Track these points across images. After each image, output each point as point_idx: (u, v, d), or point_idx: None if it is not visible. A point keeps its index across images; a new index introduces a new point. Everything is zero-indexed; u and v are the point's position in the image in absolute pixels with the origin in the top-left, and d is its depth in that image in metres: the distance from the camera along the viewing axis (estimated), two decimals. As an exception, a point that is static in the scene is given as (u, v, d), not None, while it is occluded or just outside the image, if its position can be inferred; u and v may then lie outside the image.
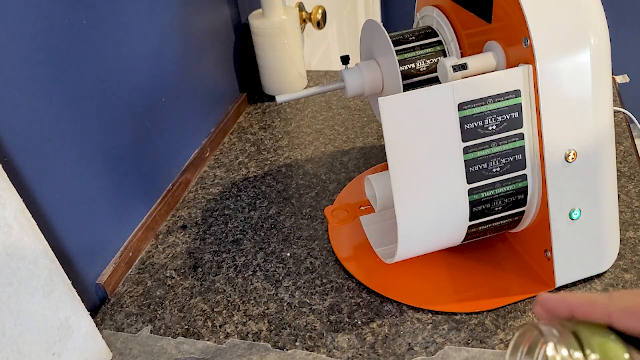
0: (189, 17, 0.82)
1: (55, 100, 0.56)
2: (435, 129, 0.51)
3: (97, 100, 0.63)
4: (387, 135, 0.51)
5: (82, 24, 0.59)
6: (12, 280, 0.46)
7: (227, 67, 0.96)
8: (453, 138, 0.51)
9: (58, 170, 0.57)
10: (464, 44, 0.62)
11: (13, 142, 0.51)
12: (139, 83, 0.71)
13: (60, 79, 0.57)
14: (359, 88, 0.66)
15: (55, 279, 0.51)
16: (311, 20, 1.08)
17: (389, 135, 0.51)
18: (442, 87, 0.51)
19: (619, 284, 0.58)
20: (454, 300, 0.59)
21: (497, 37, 0.55)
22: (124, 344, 0.59)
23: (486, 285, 0.60)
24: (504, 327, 0.55)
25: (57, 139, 0.57)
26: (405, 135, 0.51)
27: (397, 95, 0.50)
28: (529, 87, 0.51)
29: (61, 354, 0.51)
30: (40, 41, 0.54)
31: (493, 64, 0.54)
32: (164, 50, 0.77)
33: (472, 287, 0.60)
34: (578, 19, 0.51)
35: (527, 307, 0.57)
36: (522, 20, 0.50)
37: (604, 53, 0.51)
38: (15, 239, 0.47)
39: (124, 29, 0.67)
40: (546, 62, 0.50)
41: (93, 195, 0.63)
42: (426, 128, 0.51)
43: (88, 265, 0.63)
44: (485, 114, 0.51)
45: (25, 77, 0.52)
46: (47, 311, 0.50)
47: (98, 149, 0.64)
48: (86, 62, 0.61)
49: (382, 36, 0.62)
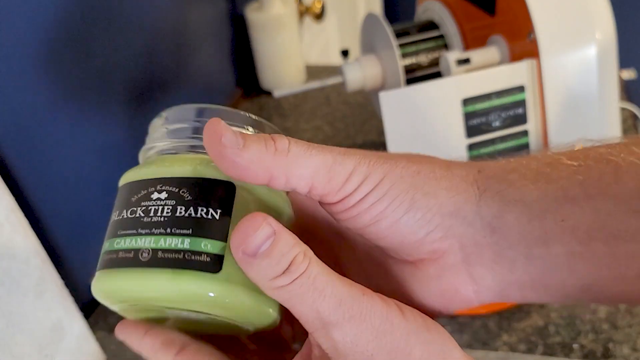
0: (183, 9, 0.81)
1: (46, 96, 0.55)
2: (438, 124, 0.50)
3: (90, 97, 0.62)
4: (388, 131, 0.49)
5: (75, 19, 0.58)
6: (4, 281, 0.45)
7: (222, 61, 0.95)
8: (457, 134, 0.50)
9: (51, 168, 0.56)
10: (467, 37, 0.61)
11: (4, 139, 0.50)
12: (133, 78, 0.70)
13: (52, 75, 0.56)
14: (359, 83, 0.65)
15: (48, 279, 0.50)
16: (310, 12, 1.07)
17: (390, 131, 0.49)
18: (445, 81, 0.49)
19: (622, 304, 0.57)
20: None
21: (501, 30, 0.53)
22: (118, 346, 0.58)
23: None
24: (508, 329, 0.54)
25: (50, 135, 0.56)
26: (407, 131, 0.50)
27: (399, 90, 0.49)
28: (534, 83, 0.50)
29: (54, 356, 0.51)
30: (31, 35, 0.53)
31: (497, 58, 0.53)
32: (158, 44, 0.75)
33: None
34: (584, 13, 0.50)
35: (531, 308, 0.56)
36: (526, 13, 0.49)
37: (610, 48, 0.50)
38: (6, 238, 0.46)
39: (114, 22, 0.66)
40: (551, 57, 0.49)
41: (86, 194, 0.62)
42: (429, 124, 0.50)
43: (81, 265, 0.62)
44: (489, 110, 0.50)
45: (15, 72, 0.51)
46: (39, 312, 0.49)
47: (92, 146, 0.62)
48: (78, 58, 0.59)
49: (383, 29, 0.61)
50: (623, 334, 0.52)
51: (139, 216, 0.24)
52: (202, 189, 0.24)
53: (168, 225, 0.23)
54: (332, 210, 0.25)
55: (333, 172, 0.24)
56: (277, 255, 0.22)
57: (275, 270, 0.22)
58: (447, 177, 0.25)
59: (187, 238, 0.23)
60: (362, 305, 0.22)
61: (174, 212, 0.24)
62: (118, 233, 0.25)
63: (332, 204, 0.25)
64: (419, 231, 0.25)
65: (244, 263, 0.22)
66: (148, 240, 0.23)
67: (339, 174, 0.24)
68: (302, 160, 0.23)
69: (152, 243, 0.23)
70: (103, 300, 0.26)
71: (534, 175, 0.25)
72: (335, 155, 0.24)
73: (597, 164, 0.24)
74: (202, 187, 0.24)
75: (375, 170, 0.24)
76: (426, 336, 0.23)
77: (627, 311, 0.54)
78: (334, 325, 0.22)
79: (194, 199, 0.24)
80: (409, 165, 0.25)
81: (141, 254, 0.23)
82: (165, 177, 0.24)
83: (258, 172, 0.23)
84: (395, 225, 0.25)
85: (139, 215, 0.24)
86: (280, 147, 0.23)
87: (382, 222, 0.25)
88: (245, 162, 0.22)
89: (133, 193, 0.25)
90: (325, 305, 0.22)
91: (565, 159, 0.24)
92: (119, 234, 0.25)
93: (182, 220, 0.23)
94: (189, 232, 0.23)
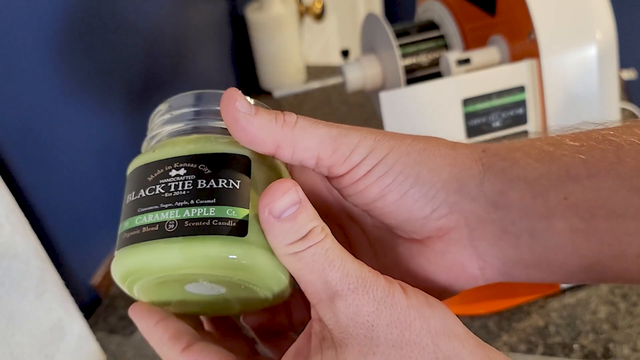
0: (183, 9, 0.81)
1: (46, 97, 0.55)
2: (438, 125, 0.50)
3: (90, 98, 0.62)
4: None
5: (76, 20, 0.58)
6: (4, 281, 0.45)
7: (222, 61, 0.95)
8: (457, 135, 0.50)
9: (51, 168, 0.56)
10: (467, 37, 0.61)
11: (4, 139, 0.50)
12: (133, 78, 0.70)
13: (52, 76, 0.56)
14: (360, 83, 0.65)
15: (48, 279, 0.50)
16: (310, 12, 1.07)
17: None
18: (445, 81, 0.49)
19: (624, 285, 0.57)
20: (456, 302, 0.58)
21: (501, 30, 0.53)
22: (117, 346, 0.58)
23: (489, 286, 0.59)
24: (508, 329, 0.54)
25: (50, 136, 0.56)
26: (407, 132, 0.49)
27: (399, 90, 0.49)
28: (534, 83, 0.50)
29: (54, 356, 0.50)
30: (30, 38, 0.52)
31: (497, 58, 0.53)
32: (158, 44, 0.75)
33: (474, 289, 0.59)
34: (584, 13, 0.49)
35: (532, 308, 0.56)
36: (526, 13, 0.49)
37: (610, 48, 0.50)
38: (6, 238, 0.46)
39: (114, 23, 0.66)
40: (551, 57, 0.49)
41: (87, 195, 0.62)
42: (429, 124, 0.50)
43: (81, 266, 0.62)
44: (489, 110, 0.50)
45: (15, 74, 0.51)
46: (39, 312, 0.49)
47: (92, 146, 0.62)
48: (78, 59, 0.59)
49: (383, 29, 0.61)
50: (623, 335, 0.52)
51: (159, 193, 0.25)
52: (220, 162, 0.25)
53: (191, 197, 0.24)
54: (340, 185, 0.26)
55: (338, 143, 0.25)
56: (299, 221, 0.23)
57: (294, 235, 0.23)
58: (452, 155, 0.26)
59: (212, 207, 0.24)
60: (367, 279, 0.23)
61: (195, 185, 0.25)
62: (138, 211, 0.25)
63: (339, 177, 0.25)
64: (425, 207, 0.26)
65: (267, 223, 0.23)
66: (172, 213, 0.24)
67: (344, 144, 0.25)
68: (308, 133, 0.24)
69: (177, 214, 0.24)
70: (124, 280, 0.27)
71: (537, 153, 0.25)
72: (341, 129, 0.25)
73: (600, 144, 0.24)
74: (220, 160, 0.25)
75: (382, 144, 0.25)
76: (427, 311, 0.23)
77: (627, 312, 0.54)
78: (338, 295, 0.23)
79: (213, 172, 0.25)
80: (415, 143, 0.26)
81: (167, 225, 0.24)
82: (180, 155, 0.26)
83: (266, 141, 0.24)
84: (401, 200, 0.26)
85: (158, 192, 0.25)
86: (289, 119, 0.24)
87: (388, 197, 0.25)
88: (255, 129, 0.24)
89: (149, 173, 0.26)
90: (333, 275, 0.23)
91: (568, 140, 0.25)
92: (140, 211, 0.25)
93: (204, 192, 0.25)
94: (212, 202, 0.24)
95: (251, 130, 0.24)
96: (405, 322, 0.23)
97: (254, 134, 0.24)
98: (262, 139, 0.24)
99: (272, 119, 0.24)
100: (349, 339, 0.23)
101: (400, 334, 0.23)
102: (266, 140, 0.24)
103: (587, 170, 0.24)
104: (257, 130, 0.24)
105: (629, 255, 0.24)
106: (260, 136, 0.24)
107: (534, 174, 0.25)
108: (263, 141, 0.24)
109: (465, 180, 0.26)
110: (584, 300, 0.56)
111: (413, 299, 0.23)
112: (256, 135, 0.24)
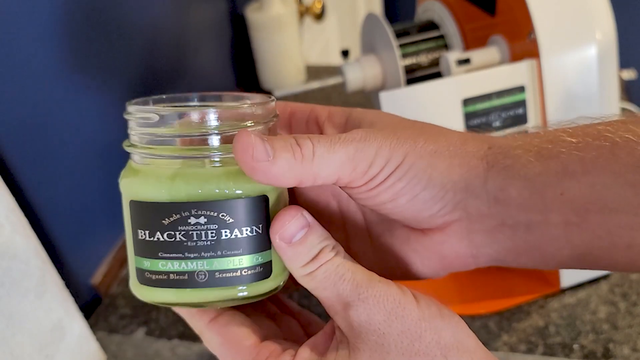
0: (183, 9, 0.81)
1: (46, 97, 0.55)
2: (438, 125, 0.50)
3: (90, 97, 0.62)
4: (389, 132, 0.49)
5: (75, 20, 0.58)
6: (4, 281, 0.45)
7: (222, 61, 0.95)
8: (456, 135, 0.50)
9: (51, 168, 0.56)
10: (467, 37, 0.61)
11: (4, 139, 0.50)
12: (133, 78, 0.70)
13: (51, 75, 0.56)
14: (360, 83, 0.65)
15: (48, 279, 0.50)
16: (310, 12, 1.07)
17: (390, 132, 0.49)
18: (445, 81, 0.49)
19: (624, 284, 0.57)
20: (456, 302, 0.58)
21: (501, 30, 0.53)
22: (118, 346, 0.58)
23: (489, 286, 0.59)
24: (508, 329, 0.54)
25: (50, 136, 0.56)
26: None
27: (399, 90, 0.49)
28: (534, 83, 0.50)
29: (54, 356, 0.50)
30: (30, 36, 0.52)
31: (497, 58, 0.53)
32: (158, 44, 0.75)
33: (474, 288, 0.59)
34: (584, 13, 0.49)
35: (532, 308, 0.56)
36: (526, 13, 0.49)
37: (610, 48, 0.50)
38: (6, 238, 0.45)
39: (114, 22, 0.65)
40: (551, 57, 0.49)
41: (87, 194, 0.62)
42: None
43: (81, 265, 0.62)
44: (489, 110, 0.50)
45: (14, 73, 0.51)
46: (39, 312, 0.49)
47: (92, 146, 0.62)
48: (77, 58, 0.59)
49: (383, 29, 0.61)
50: (623, 335, 0.52)
51: (180, 240, 0.25)
52: (240, 209, 0.25)
53: (218, 249, 0.25)
54: (353, 192, 0.27)
55: (357, 160, 0.25)
56: (309, 243, 0.25)
57: (306, 257, 0.25)
58: (460, 154, 0.27)
59: (239, 257, 0.25)
60: (377, 289, 0.24)
61: (219, 235, 0.25)
62: (160, 255, 0.26)
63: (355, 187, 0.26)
64: (433, 207, 0.27)
65: (280, 249, 0.25)
66: (200, 264, 0.25)
67: (362, 160, 0.25)
68: (327, 160, 0.25)
69: (206, 266, 0.25)
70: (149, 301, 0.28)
71: (537, 150, 0.26)
72: (358, 143, 0.25)
73: (595, 140, 0.25)
74: (240, 207, 0.25)
75: (397, 152, 0.26)
76: (438, 323, 0.24)
77: (627, 312, 0.54)
78: (350, 306, 0.24)
79: (236, 220, 0.25)
80: (427, 145, 0.27)
81: (197, 275, 0.25)
82: (197, 201, 0.25)
83: (289, 180, 0.25)
84: (412, 201, 0.27)
85: (179, 239, 0.25)
86: (306, 153, 0.25)
87: (400, 200, 0.27)
88: (275, 172, 0.24)
89: (163, 215, 0.25)
90: (344, 287, 0.25)
91: (565, 136, 0.26)
92: (162, 256, 0.25)
93: (230, 243, 0.25)
94: (239, 252, 0.25)
95: (271, 174, 0.24)
96: (415, 333, 0.24)
97: (275, 177, 0.24)
98: (285, 179, 0.25)
99: (291, 157, 0.24)
100: (361, 344, 0.24)
101: (410, 343, 0.24)
102: (289, 180, 0.25)
103: (583, 166, 0.25)
104: (278, 174, 0.24)
105: (619, 246, 0.25)
106: (282, 178, 0.24)
107: (533, 171, 0.26)
108: (286, 181, 0.25)
109: (471, 179, 0.27)
110: (584, 300, 0.56)
111: (425, 310, 0.24)
112: (277, 177, 0.24)
